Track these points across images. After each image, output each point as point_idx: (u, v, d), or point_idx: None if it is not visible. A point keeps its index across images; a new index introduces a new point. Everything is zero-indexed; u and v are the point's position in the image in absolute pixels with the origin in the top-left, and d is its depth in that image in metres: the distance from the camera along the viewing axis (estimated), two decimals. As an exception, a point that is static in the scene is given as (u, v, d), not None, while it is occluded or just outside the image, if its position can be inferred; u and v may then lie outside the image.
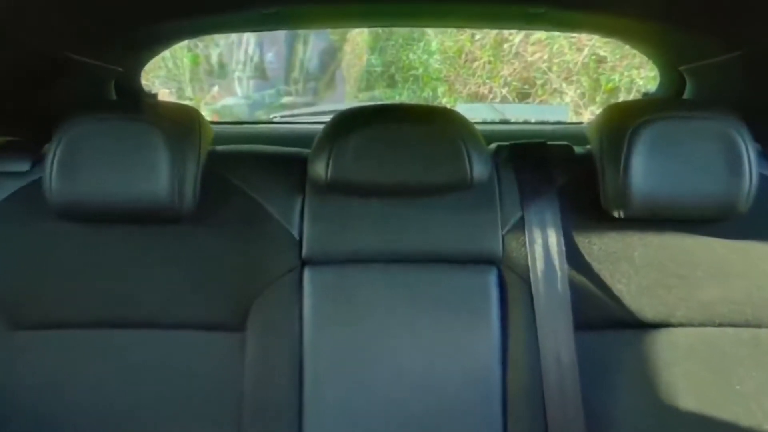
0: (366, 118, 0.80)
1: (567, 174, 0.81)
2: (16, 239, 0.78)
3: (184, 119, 0.77)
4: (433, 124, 0.78)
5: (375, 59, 3.22)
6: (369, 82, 3.29)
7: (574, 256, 0.77)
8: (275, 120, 1.45)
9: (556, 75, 2.83)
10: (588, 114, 2.66)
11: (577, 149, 0.85)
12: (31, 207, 0.77)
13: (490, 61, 2.94)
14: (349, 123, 0.79)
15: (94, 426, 0.76)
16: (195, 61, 3.19)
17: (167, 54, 2.76)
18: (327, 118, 0.84)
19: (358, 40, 3.28)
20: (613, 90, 2.69)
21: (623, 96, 2.65)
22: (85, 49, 0.85)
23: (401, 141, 0.76)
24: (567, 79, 2.82)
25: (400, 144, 0.76)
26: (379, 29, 3.07)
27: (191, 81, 3.19)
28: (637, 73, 2.57)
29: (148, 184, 0.72)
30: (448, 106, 2.60)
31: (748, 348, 0.76)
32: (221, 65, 3.30)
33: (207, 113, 2.45)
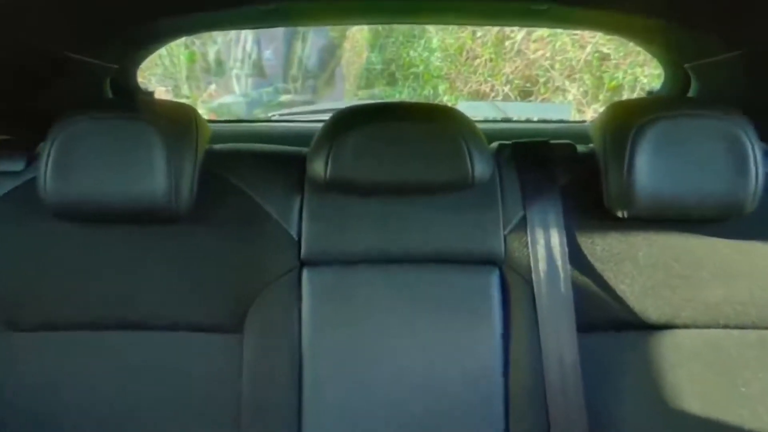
0: (366, 116, 0.80)
1: (570, 173, 0.80)
2: (10, 240, 0.77)
3: (180, 118, 0.77)
4: (434, 122, 0.78)
5: (375, 57, 3.21)
6: (369, 80, 3.28)
7: (576, 256, 0.77)
8: (273, 118, 1.44)
9: (558, 73, 2.82)
10: (591, 112, 2.65)
11: (580, 148, 0.84)
12: (26, 207, 0.77)
13: (491, 59, 2.93)
14: (349, 121, 0.78)
15: (92, 427, 0.76)
16: (192, 59, 3.18)
17: (164, 51, 2.75)
18: (326, 116, 0.83)
19: (357, 37, 3.27)
20: (617, 88, 2.68)
21: (627, 94, 2.64)
22: (80, 47, 0.84)
23: (401, 139, 0.76)
24: (570, 77, 2.81)
25: (400, 143, 0.76)
26: (379, 26, 3.06)
27: (188, 79, 3.18)
28: (641, 71, 2.56)
29: (144, 183, 0.71)
30: (449, 104, 2.60)
31: (753, 350, 0.76)
32: (219, 63, 3.29)
33: (204, 111, 2.43)
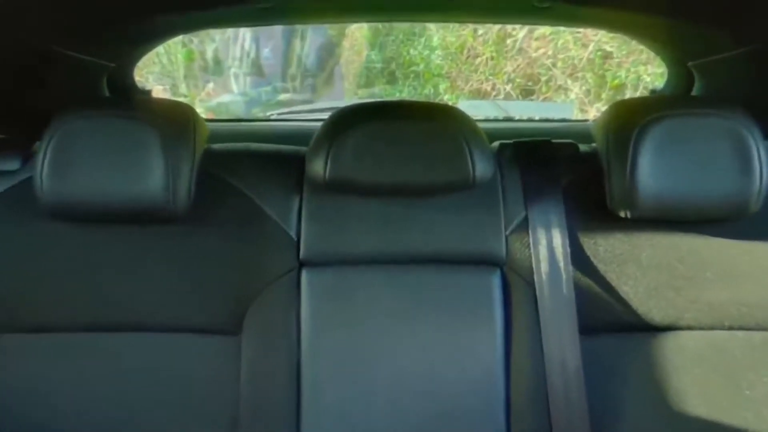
0: (365, 115, 0.79)
1: (572, 173, 0.80)
2: (5, 240, 0.77)
3: (178, 117, 0.76)
4: (435, 121, 0.77)
5: (375, 55, 3.21)
6: (368, 78, 3.27)
7: (579, 257, 0.76)
8: (272, 117, 1.43)
9: (560, 71, 2.81)
10: (593, 111, 2.65)
11: (583, 147, 0.84)
12: (21, 207, 0.76)
13: (493, 57, 2.93)
14: (348, 121, 0.77)
15: (89, 431, 0.75)
16: (190, 57, 3.17)
17: (161, 50, 2.75)
18: (325, 115, 0.83)
19: (357, 35, 3.27)
20: (620, 87, 2.67)
21: (630, 93, 2.64)
22: (77, 44, 0.84)
23: (402, 139, 0.75)
24: (572, 76, 2.81)
25: (400, 142, 0.75)
26: (379, 24, 3.05)
27: (186, 77, 3.18)
28: (644, 70, 2.56)
29: (141, 183, 0.71)
30: (449, 103, 2.59)
31: (758, 352, 0.75)
32: (217, 61, 3.28)
33: (202, 110, 2.43)
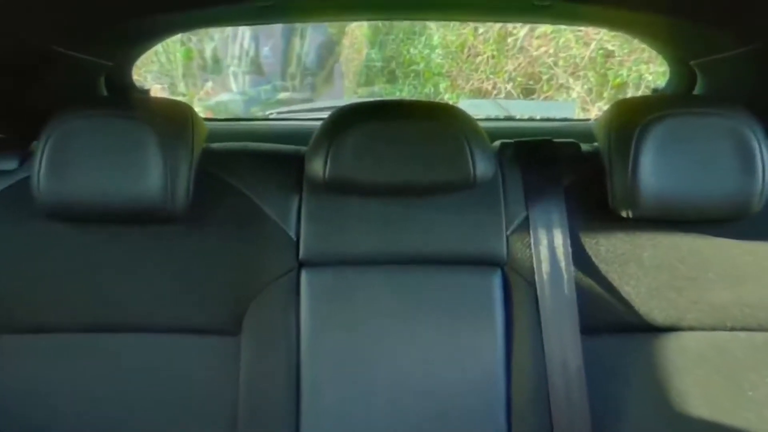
0: (365, 114, 0.79)
1: (573, 173, 0.79)
2: (3, 240, 0.76)
3: (176, 116, 0.76)
4: (435, 120, 0.77)
5: (375, 54, 3.20)
6: (368, 77, 3.27)
7: (580, 257, 0.76)
8: (271, 117, 1.43)
9: (562, 70, 2.80)
10: (595, 110, 2.65)
11: (584, 147, 0.84)
12: (19, 207, 0.76)
13: (493, 56, 2.92)
14: (348, 120, 0.77)
15: (87, 431, 0.75)
16: (188, 56, 3.17)
17: (159, 48, 2.74)
18: (325, 114, 0.82)
19: (357, 33, 3.26)
20: (622, 85, 2.67)
21: (632, 92, 2.64)
22: (74, 43, 0.83)
23: (402, 138, 0.75)
24: (573, 75, 2.80)
25: (400, 141, 0.75)
26: (379, 22, 3.04)
27: (184, 76, 3.17)
28: (646, 68, 2.55)
29: (139, 183, 0.70)
30: (450, 102, 2.58)
31: (761, 352, 0.75)
32: (215, 60, 3.28)
33: (201, 110, 2.43)
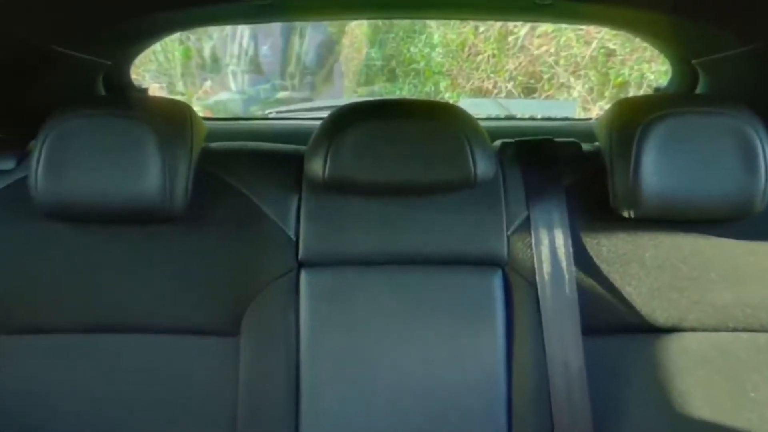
0: (365, 114, 0.78)
1: (575, 172, 0.79)
2: (0, 240, 0.76)
3: (175, 115, 0.75)
4: (435, 120, 0.77)
5: (375, 52, 3.20)
6: (368, 76, 3.27)
7: (582, 257, 0.75)
8: (271, 116, 1.43)
9: (563, 69, 2.80)
10: (596, 110, 2.65)
11: (585, 146, 0.83)
12: (16, 207, 0.76)
13: (494, 55, 2.92)
14: (348, 119, 0.77)
15: None
16: (187, 55, 3.16)
17: (158, 47, 2.74)
18: (324, 114, 0.82)
19: (357, 32, 3.26)
20: (623, 84, 2.67)
21: (633, 91, 2.64)
22: (72, 42, 0.83)
23: (402, 138, 0.75)
24: (575, 74, 2.80)
25: (400, 141, 0.74)
26: (379, 21, 3.04)
27: (183, 75, 3.17)
28: (648, 67, 2.55)
29: (137, 183, 0.70)
30: (450, 101, 2.58)
31: (763, 353, 0.75)
32: (214, 59, 3.28)
33: (199, 109, 2.42)
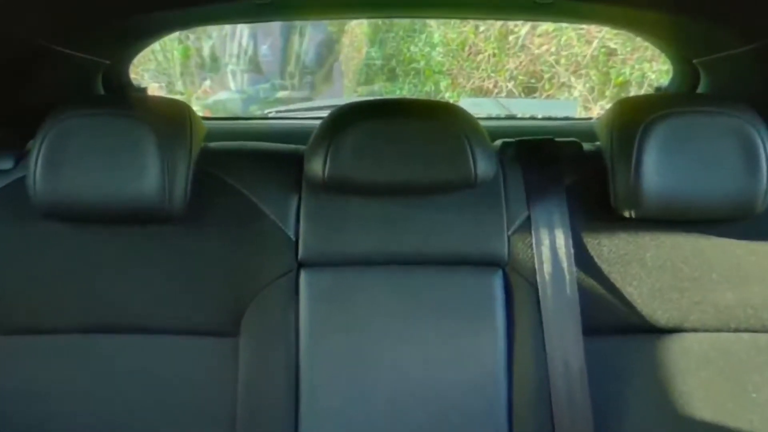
0: (365, 113, 0.78)
1: (575, 172, 0.79)
2: None
3: (174, 115, 0.75)
4: (436, 119, 0.76)
5: (375, 52, 3.19)
6: (368, 75, 3.26)
7: (582, 257, 0.75)
8: (270, 115, 1.43)
9: (564, 68, 2.80)
10: (597, 109, 2.64)
11: (586, 146, 0.83)
12: (15, 207, 0.75)
13: (494, 54, 2.91)
14: (348, 119, 0.76)
15: None
16: (186, 54, 3.16)
17: (157, 46, 2.74)
18: (324, 113, 0.82)
19: (357, 31, 3.26)
20: (624, 84, 2.67)
21: (634, 90, 2.63)
22: (71, 41, 0.83)
23: (402, 137, 0.74)
24: (575, 73, 2.80)
25: (400, 141, 0.74)
26: (379, 20, 3.04)
27: (182, 75, 3.17)
28: (649, 67, 2.55)
29: (136, 182, 0.70)
30: (451, 101, 2.57)
31: (764, 354, 0.74)
32: (214, 58, 3.27)
33: (199, 108, 2.42)
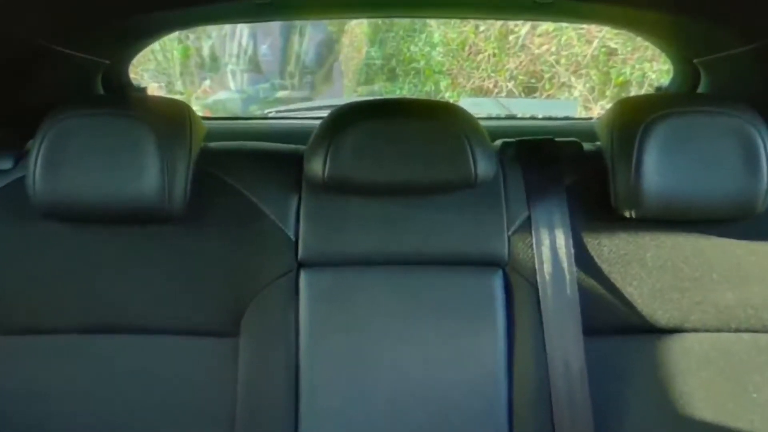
0: (365, 113, 0.78)
1: (576, 172, 0.79)
2: None
3: (174, 115, 0.75)
4: (436, 119, 0.76)
5: (375, 52, 3.19)
6: (368, 75, 3.26)
7: (583, 257, 0.75)
8: (270, 115, 1.43)
9: (564, 68, 2.80)
10: (598, 109, 2.65)
11: (587, 146, 0.83)
12: (14, 207, 0.75)
13: (495, 54, 2.91)
14: (348, 118, 0.76)
15: None
16: (186, 54, 3.16)
17: (157, 46, 2.74)
18: (324, 113, 0.81)
19: (357, 31, 3.26)
20: (624, 84, 2.67)
21: (635, 90, 2.64)
22: (70, 41, 0.83)
23: (402, 137, 0.74)
24: (576, 73, 2.80)
25: (400, 140, 0.74)
26: (379, 20, 3.03)
27: (182, 74, 3.17)
28: (650, 66, 2.55)
29: (136, 182, 0.70)
30: (451, 100, 2.57)
31: (765, 354, 0.74)
32: (213, 58, 3.27)
33: (198, 108, 2.42)
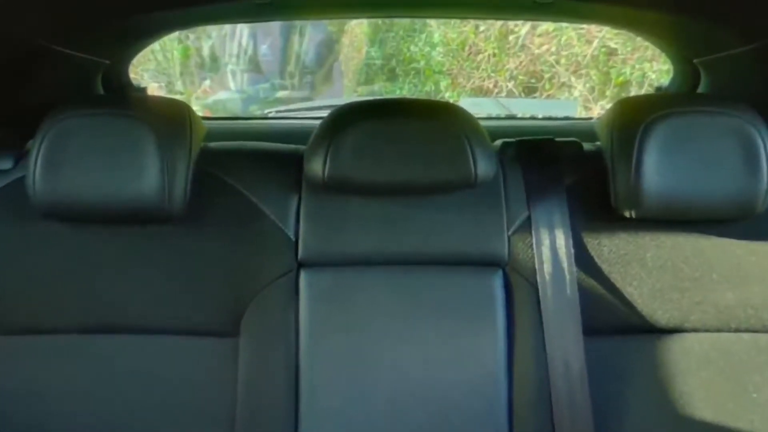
0: (365, 113, 0.78)
1: (576, 172, 0.79)
2: None
3: (174, 115, 0.75)
4: (436, 119, 0.76)
5: (375, 52, 3.19)
6: (368, 75, 3.26)
7: (583, 257, 0.75)
8: (270, 115, 1.43)
9: (564, 68, 2.80)
10: (598, 109, 2.65)
11: (587, 146, 0.83)
12: (14, 207, 0.75)
13: (495, 54, 2.91)
14: (348, 118, 0.76)
15: None
16: (186, 54, 3.16)
17: (157, 46, 2.74)
18: (324, 113, 0.81)
19: (357, 31, 3.26)
20: (624, 84, 2.67)
21: (635, 90, 2.64)
22: (70, 41, 0.83)
23: (402, 137, 0.74)
24: (576, 73, 2.80)
25: (400, 140, 0.74)
26: (379, 20, 3.04)
27: (182, 75, 3.17)
28: (650, 67, 2.55)
29: (136, 182, 0.70)
30: (451, 100, 2.57)
31: (765, 354, 0.74)
32: (213, 58, 3.27)
33: (198, 108, 2.42)
